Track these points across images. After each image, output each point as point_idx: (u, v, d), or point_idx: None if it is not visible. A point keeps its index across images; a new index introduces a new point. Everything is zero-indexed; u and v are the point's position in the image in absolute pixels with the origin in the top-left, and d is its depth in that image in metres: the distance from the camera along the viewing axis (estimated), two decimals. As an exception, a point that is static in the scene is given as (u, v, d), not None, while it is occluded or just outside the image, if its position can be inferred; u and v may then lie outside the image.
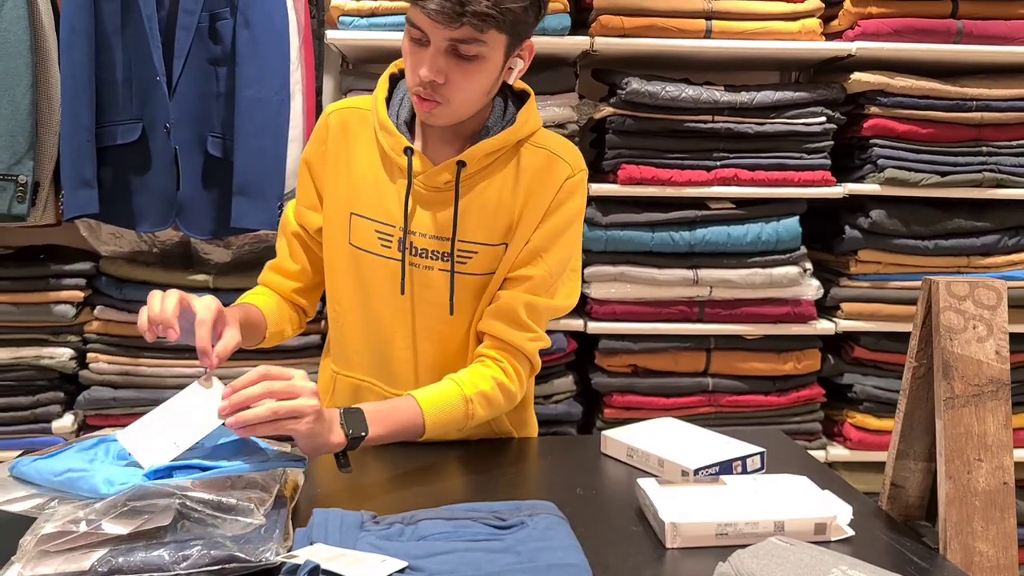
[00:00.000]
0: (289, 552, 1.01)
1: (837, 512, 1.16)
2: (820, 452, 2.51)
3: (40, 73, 2.17)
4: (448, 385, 1.39)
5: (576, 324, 2.41)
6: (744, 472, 1.36)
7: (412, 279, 1.44)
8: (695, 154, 2.36)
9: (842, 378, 2.53)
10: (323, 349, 1.65)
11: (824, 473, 1.40)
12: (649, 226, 2.38)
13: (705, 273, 2.39)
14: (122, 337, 2.36)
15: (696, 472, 1.31)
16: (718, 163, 2.37)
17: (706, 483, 1.23)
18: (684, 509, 1.13)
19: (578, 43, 2.29)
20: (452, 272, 1.43)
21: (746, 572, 0.96)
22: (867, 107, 2.39)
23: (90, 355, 2.37)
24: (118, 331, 2.36)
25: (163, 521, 0.99)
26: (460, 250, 1.42)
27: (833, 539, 1.14)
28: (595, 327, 2.41)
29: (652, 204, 2.38)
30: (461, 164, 1.40)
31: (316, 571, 0.95)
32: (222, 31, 2.18)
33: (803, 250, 2.43)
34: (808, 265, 2.43)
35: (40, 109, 2.18)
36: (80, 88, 2.14)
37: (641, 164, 2.33)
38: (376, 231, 1.44)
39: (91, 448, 1.16)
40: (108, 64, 2.18)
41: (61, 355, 2.35)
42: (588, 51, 2.32)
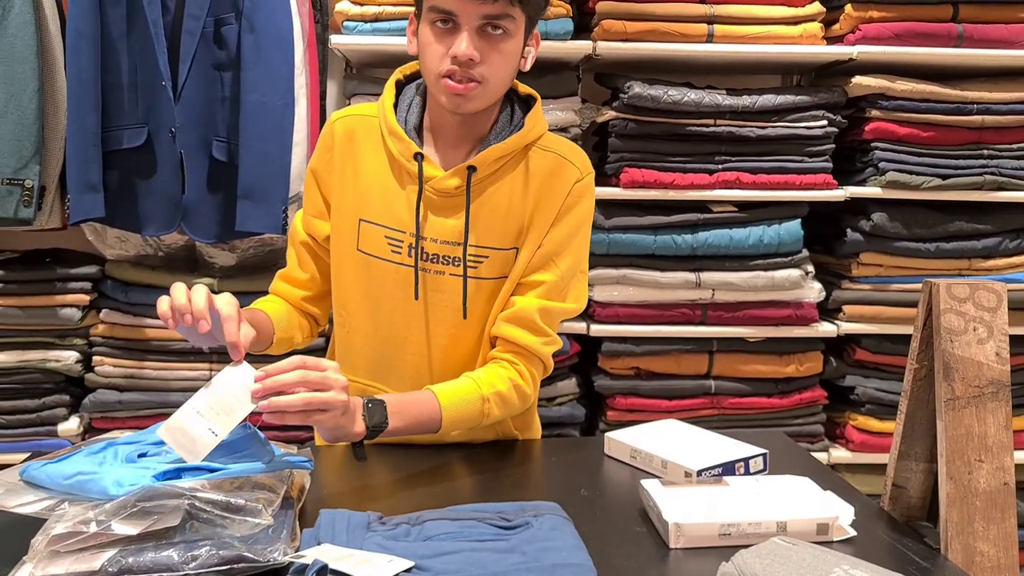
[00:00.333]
0: (297, 552, 1.02)
1: (839, 513, 1.17)
2: (822, 454, 2.51)
3: (46, 78, 2.18)
4: (466, 382, 1.40)
5: (579, 327, 2.41)
6: (747, 473, 1.37)
7: (424, 284, 1.45)
8: (697, 157, 2.37)
9: (844, 380, 2.53)
10: (326, 353, 1.65)
11: (826, 474, 1.41)
12: (651, 229, 2.38)
13: (707, 276, 2.39)
14: (128, 340, 2.37)
15: (699, 473, 1.32)
16: (720, 166, 2.37)
17: (709, 484, 1.24)
18: (687, 510, 1.14)
19: (581, 47, 2.30)
20: (464, 276, 1.43)
21: (749, 572, 0.97)
22: (868, 111, 2.40)
23: (96, 358, 2.38)
24: (124, 334, 2.37)
25: (172, 522, 1.00)
26: (471, 255, 1.43)
27: (835, 539, 1.14)
28: (598, 330, 2.41)
29: (654, 207, 2.39)
30: (472, 169, 1.41)
31: (325, 571, 0.96)
32: (227, 36, 2.19)
33: (805, 253, 2.43)
34: (810, 268, 2.44)
35: (46, 114, 2.19)
36: (86, 93, 2.15)
37: (643, 167, 2.34)
38: (386, 237, 1.45)
39: (100, 451, 1.16)
40: (114, 69, 2.19)
41: (67, 358, 2.36)
42: (591, 55, 2.33)
